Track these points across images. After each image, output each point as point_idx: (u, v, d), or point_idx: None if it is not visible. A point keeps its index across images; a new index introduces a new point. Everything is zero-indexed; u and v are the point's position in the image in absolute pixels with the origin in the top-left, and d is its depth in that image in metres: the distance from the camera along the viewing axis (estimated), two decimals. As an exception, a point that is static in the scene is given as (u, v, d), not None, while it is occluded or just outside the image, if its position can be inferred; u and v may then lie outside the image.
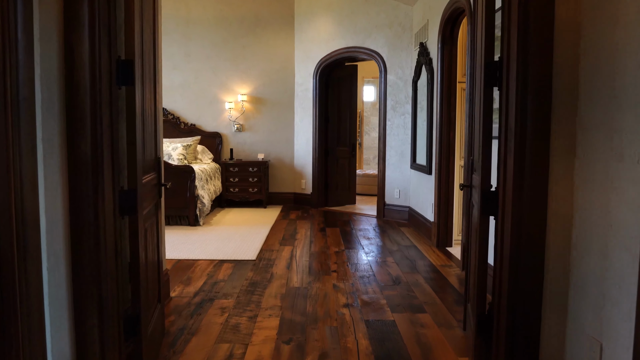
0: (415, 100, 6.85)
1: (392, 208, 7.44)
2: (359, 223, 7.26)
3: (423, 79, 6.49)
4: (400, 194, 7.35)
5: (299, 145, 8.75)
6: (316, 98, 8.41)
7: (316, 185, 8.53)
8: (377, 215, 7.67)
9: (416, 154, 6.85)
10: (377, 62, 7.57)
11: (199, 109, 8.86)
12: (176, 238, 5.98)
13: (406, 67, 7.22)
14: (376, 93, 13.74)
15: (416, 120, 6.85)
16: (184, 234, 6.27)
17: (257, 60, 8.75)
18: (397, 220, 7.37)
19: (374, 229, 6.76)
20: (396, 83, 7.33)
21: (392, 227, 6.92)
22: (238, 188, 8.46)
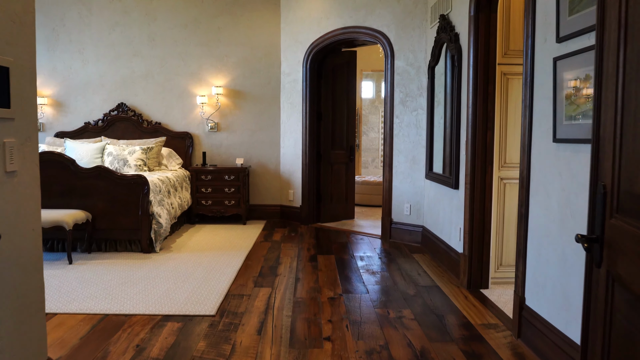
0: (432, 91, 5.36)
1: (401, 227, 5.94)
2: (359, 246, 5.75)
3: (442, 64, 5.00)
4: (412, 210, 5.85)
5: (286, 148, 7.24)
6: (306, 91, 6.90)
7: (306, 197, 7.03)
8: (381, 236, 6.17)
9: (433, 160, 5.36)
10: (382, 45, 6.07)
11: (165, 105, 7.33)
12: (116, 274, 4.45)
13: (419, 50, 5.72)
14: (375, 89, 12.27)
15: (433, 117, 5.35)
16: (130, 266, 4.74)
17: (235, 46, 7.24)
18: (407, 243, 5.87)
19: (380, 257, 5.26)
20: (406, 71, 5.84)
21: (402, 253, 5.42)
22: (211, 200, 6.93)
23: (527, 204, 3.04)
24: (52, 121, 7.38)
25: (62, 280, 4.29)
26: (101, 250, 5.35)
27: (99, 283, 4.21)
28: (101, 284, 4.18)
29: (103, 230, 5.30)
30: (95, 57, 7.27)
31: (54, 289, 4.04)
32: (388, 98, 6.00)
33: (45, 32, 7.25)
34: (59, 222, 4.79)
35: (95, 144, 6.60)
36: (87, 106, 7.34)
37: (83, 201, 5.26)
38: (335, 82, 7.16)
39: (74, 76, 7.31)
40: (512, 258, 4.23)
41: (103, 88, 7.31)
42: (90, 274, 4.46)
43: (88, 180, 5.25)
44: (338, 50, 7.12)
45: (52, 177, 5.24)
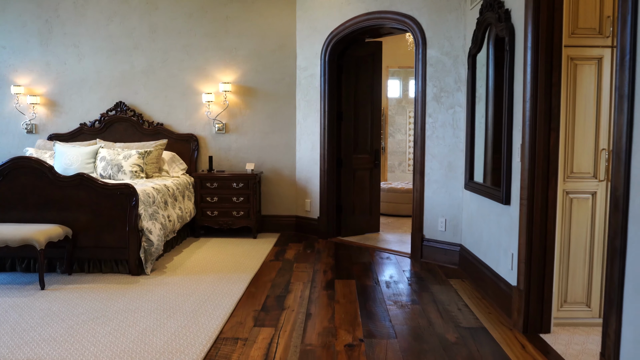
0: (473, 84, 4.47)
1: (435, 245, 5.05)
2: (385, 268, 4.89)
3: (486, 52, 4.11)
4: (447, 226, 4.96)
5: (303, 151, 6.42)
6: (325, 87, 6.07)
7: (325, 207, 6.18)
8: (411, 255, 5.29)
9: (474, 167, 4.47)
10: (411, 32, 5.20)
11: (167, 104, 6.58)
12: (89, 306, 3.68)
13: (457, 37, 4.84)
14: (402, 88, 11.38)
15: (474, 115, 4.46)
16: (110, 294, 3.97)
17: (246, 37, 6.45)
18: (442, 264, 4.98)
19: (410, 283, 4.38)
20: (441, 61, 4.95)
21: (436, 277, 4.54)
22: (218, 211, 6.14)
23: (624, 234, 2.15)
24: (46, 122, 6.70)
25: (23, 313, 3.53)
26: (84, 271, 4.60)
27: (66, 318, 3.43)
28: (68, 320, 3.40)
29: (86, 249, 4.55)
30: (92, 51, 6.56)
31: (9, 326, 3.28)
32: (419, 94, 5.12)
33: (38, 24, 6.57)
34: (28, 241, 4.04)
35: (87, 148, 5.88)
36: (83, 105, 6.64)
37: (62, 214, 4.52)
38: (358, 77, 6.31)
39: (69, 72, 6.61)
40: (579, 293, 3.32)
41: (100, 85, 6.59)
42: (59, 305, 3.70)
43: (68, 190, 4.51)
44: (361, 41, 6.26)
45: (27, 186, 4.51)
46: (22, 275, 4.53)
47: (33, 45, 6.61)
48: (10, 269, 4.65)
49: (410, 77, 11.38)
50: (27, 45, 6.62)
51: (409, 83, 11.37)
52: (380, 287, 4.24)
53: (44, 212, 4.51)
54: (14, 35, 6.62)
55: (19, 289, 4.11)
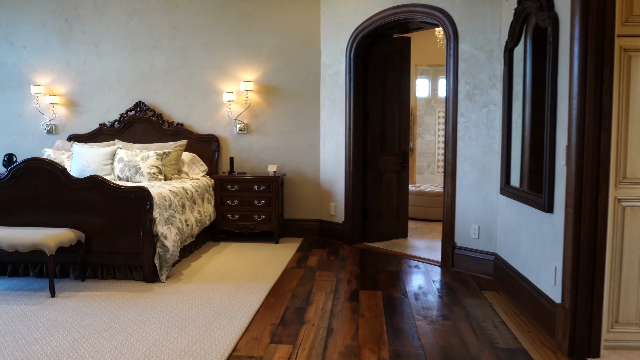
0: (510, 81, 4.13)
1: (467, 254, 4.72)
2: (413, 278, 4.58)
3: (524, 45, 3.77)
4: (481, 234, 4.62)
5: (327, 153, 6.15)
6: (350, 86, 5.78)
7: (350, 211, 5.90)
8: (441, 263, 4.96)
9: (511, 170, 4.13)
10: (442, 26, 4.88)
11: (188, 103, 6.39)
12: (99, 316, 3.47)
13: (491, 30, 4.50)
14: (431, 87, 11.01)
15: (511, 114, 4.12)
16: (122, 303, 3.76)
17: (268, 34, 6.21)
18: (475, 274, 4.64)
19: (440, 295, 4.07)
20: (474, 56, 4.62)
21: (469, 289, 4.21)
22: (238, 214, 5.92)
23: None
24: (65, 123, 6.58)
25: (29, 323, 3.35)
26: (97, 277, 4.42)
27: (72, 330, 3.23)
28: (74, 332, 3.20)
29: (99, 254, 4.36)
30: (112, 50, 6.42)
31: (12, 338, 3.09)
32: (450, 92, 4.80)
33: (58, 23, 6.46)
34: (38, 246, 3.87)
35: (105, 149, 5.72)
36: (103, 105, 6.50)
37: (76, 218, 4.34)
38: (384, 74, 6.00)
39: (89, 72, 6.48)
40: (633, 313, 2.97)
41: (120, 85, 6.44)
42: (67, 315, 3.51)
43: (81, 192, 4.33)
44: (388, 37, 5.96)
45: (39, 189, 4.35)
46: (34, 280, 4.37)
47: (53, 45, 6.50)
48: (23, 273, 4.50)
49: (439, 75, 11.00)
50: (47, 45, 6.51)
51: (438, 82, 11.00)
52: (409, 300, 3.94)
53: (57, 216, 4.34)
54: (34, 35, 6.52)
55: (29, 295, 3.95)
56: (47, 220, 4.33)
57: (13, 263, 4.49)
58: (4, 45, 6.59)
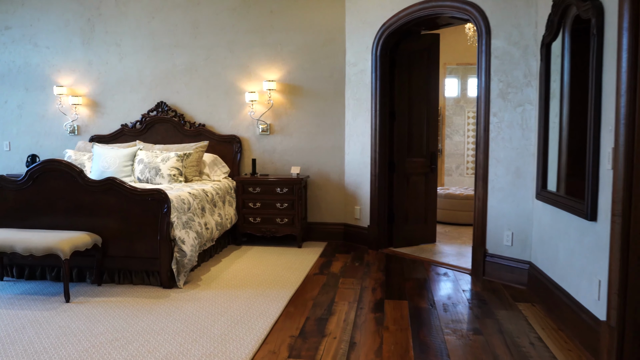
0: (548, 77, 3.85)
1: (499, 262, 4.45)
2: (442, 286, 4.33)
3: (560, 41, 3.50)
4: (514, 240, 4.35)
5: (352, 154, 5.94)
6: (376, 84, 5.57)
7: (376, 215, 5.68)
8: (472, 271, 4.70)
9: (547, 174, 3.85)
10: (473, 21, 4.62)
11: (210, 103, 6.26)
12: (112, 324, 3.33)
13: (527, 24, 4.22)
14: (460, 86, 10.70)
15: (547, 113, 3.85)
16: (137, 309, 3.62)
17: (291, 31, 6.03)
18: (507, 283, 4.37)
19: (471, 307, 3.81)
20: (508, 53, 4.35)
21: (501, 300, 3.94)
22: (260, 217, 5.76)
23: None
24: (88, 123, 6.53)
25: (40, 331, 3.23)
26: (114, 281, 4.30)
27: (84, 339, 3.10)
28: (85, 341, 3.06)
29: (116, 258, 4.25)
30: (133, 50, 6.33)
31: (21, 347, 2.97)
32: (482, 90, 4.53)
33: (80, 23, 6.41)
34: (52, 250, 3.76)
35: (125, 150, 5.62)
36: (124, 106, 6.42)
37: (92, 221, 4.23)
38: (412, 73, 5.76)
39: (111, 72, 6.41)
40: (688, 332, 2.68)
41: (141, 85, 6.35)
42: (80, 322, 3.38)
43: (98, 195, 4.22)
44: (416, 33, 5.72)
45: (56, 191, 4.26)
46: (51, 284, 4.28)
47: (75, 45, 6.45)
48: (40, 276, 4.42)
49: (469, 74, 10.68)
50: (70, 45, 6.47)
51: (468, 81, 10.68)
52: (437, 311, 3.70)
53: (74, 218, 4.24)
54: (57, 35, 6.49)
55: (44, 300, 3.84)
56: (64, 223, 4.24)
57: (30, 266, 4.41)
58: (28, 46, 6.57)
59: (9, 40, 6.61)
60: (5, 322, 3.39)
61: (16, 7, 6.55)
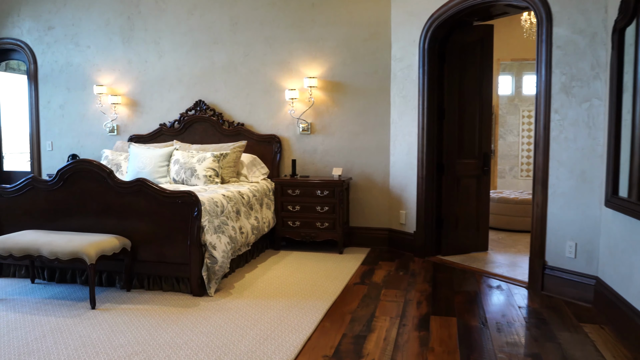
0: (620, 69, 3.38)
1: (560, 275, 3.99)
2: (495, 301, 3.92)
3: (635, 26, 3.04)
4: (578, 252, 3.88)
5: (397, 155, 5.57)
6: (424, 80, 5.18)
7: (423, 220, 5.30)
8: (528, 284, 4.25)
9: (619, 178, 3.38)
10: (532, 8, 4.17)
11: (249, 102, 6.03)
12: (134, 335, 3.11)
13: (595, 9, 3.75)
14: (514, 84, 10.12)
15: (620, 109, 3.38)
16: (162, 319, 3.39)
17: (333, 26, 5.72)
18: (570, 300, 3.91)
19: (528, 326, 3.39)
20: (572, 42, 3.89)
21: (563, 320, 3.50)
22: (300, 221, 5.48)
23: None
24: (127, 123, 6.43)
25: (59, 341, 3.04)
26: (144, 287, 4.11)
27: (101, 352, 2.89)
28: (103, 354, 2.85)
29: (146, 263, 4.06)
30: (172, 48, 6.18)
31: (36, 359, 2.79)
32: (542, 85, 4.08)
33: (120, 21, 6.32)
34: (78, 254, 3.60)
35: (161, 150, 5.46)
36: (163, 105, 6.28)
37: (122, 224, 4.06)
38: (463, 67, 5.34)
39: (150, 70, 6.29)
40: None
41: (180, 83, 6.20)
42: (100, 332, 3.18)
43: (128, 197, 4.04)
44: (468, 24, 5.30)
45: (86, 192, 4.11)
46: (80, 288, 4.13)
47: (116, 44, 6.37)
48: (70, 280, 4.29)
49: (524, 70, 10.09)
50: (110, 44, 6.39)
51: (523, 78, 10.11)
52: (489, 331, 3.30)
53: (104, 221, 4.08)
54: (98, 34, 6.43)
55: (70, 306, 3.69)
56: (94, 225, 4.08)
57: (60, 269, 4.29)
58: (70, 46, 6.54)
59: (52, 40, 6.61)
60: (27, 329, 3.24)
61: (59, 7, 6.54)
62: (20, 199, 4.29)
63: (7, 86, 7.32)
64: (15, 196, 4.30)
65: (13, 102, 7.28)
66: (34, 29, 6.66)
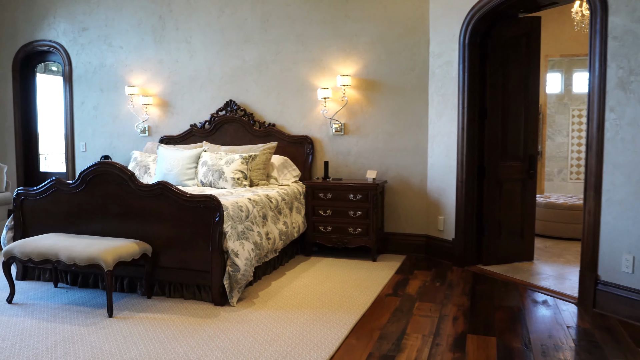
0: (687, 60, 2.99)
1: (615, 292, 3.59)
2: (540, 319, 3.56)
3: None
4: (636, 267, 3.48)
5: (435, 157, 5.25)
6: (464, 78, 4.85)
7: (462, 227, 4.96)
8: (578, 300, 3.86)
9: (685, 183, 2.98)
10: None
11: (280, 101, 5.83)
12: (147, 348, 2.93)
13: (657, -5, 3.35)
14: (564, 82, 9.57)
15: (687, 106, 2.98)
16: (179, 331, 3.21)
17: (368, 21, 5.45)
18: (626, 319, 3.51)
19: (577, 350, 3.03)
20: (631, 32, 3.49)
21: (619, 343, 3.12)
22: (331, 226, 5.23)
23: None
24: (158, 124, 6.34)
25: (69, 352, 2.90)
26: (165, 294, 3.95)
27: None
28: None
29: (167, 270, 3.90)
30: (203, 47, 6.05)
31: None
32: (595, 80, 3.70)
33: (152, 20, 6.23)
34: (95, 260, 3.46)
35: (189, 152, 5.32)
36: (194, 105, 6.16)
37: (143, 228, 3.91)
38: (507, 63, 4.97)
39: (181, 70, 6.17)
40: None
41: (211, 83, 6.06)
42: (114, 344, 3.02)
43: (149, 200, 3.89)
44: (512, 16, 4.92)
45: (108, 195, 3.99)
46: (101, 294, 4.01)
47: (147, 44, 6.29)
48: (93, 284, 4.19)
49: (575, 67, 9.52)
50: (142, 44, 6.32)
51: (573, 75, 9.53)
52: (533, 355, 2.96)
53: (125, 225, 3.95)
54: (130, 35, 6.36)
55: (87, 313, 3.56)
56: (116, 229, 3.96)
57: (83, 273, 4.18)
58: (103, 46, 6.51)
59: (86, 42, 6.59)
60: (39, 338, 3.12)
61: (92, 8, 6.51)
62: (44, 201, 4.21)
63: (47, 88, 7.36)
64: (40, 198, 4.22)
65: (52, 104, 7.32)
66: (68, 30, 6.67)
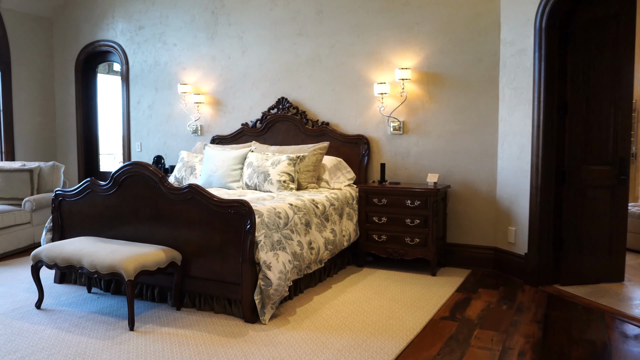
0: None
1: None
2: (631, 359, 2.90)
3: None
4: None
5: (506, 159, 4.62)
6: (540, 68, 4.20)
7: (536, 240, 4.31)
8: (681, 336, 3.15)
9: None
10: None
11: (334, 98, 5.41)
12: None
13: None
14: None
15: None
16: (202, 350, 2.86)
17: (429, 7, 4.91)
18: None
19: (681, 406, 2.38)
20: None
21: None
22: (385, 235, 4.74)
23: None
24: (210, 123, 6.12)
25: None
26: (195, 306, 3.64)
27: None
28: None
29: (197, 280, 3.58)
30: (255, 42, 5.75)
31: (36, 398, 2.38)
32: None
33: (205, 17, 6.02)
34: (115, 268, 3.21)
35: (235, 152, 5.01)
36: (246, 103, 5.87)
37: (173, 234, 3.62)
38: (592, 51, 4.25)
39: (233, 67, 5.91)
40: None
41: (263, 80, 5.74)
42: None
43: (179, 204, 3.59)
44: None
45: (139, 198, 3.74)
46: (124, 303, 3.75)
47: (200, 40, 6.08)
48: (124, 291, 3.93)
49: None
50: (195, 41, 6.12)
51: (677, 67, 8.37)
52: (620, 408, 2.35)
53: (156, 230, 3.68)
54: (183, 32, 6.19)
55: (110, 324, 3.31)
56: (147, 234, 3.70)
57: (115, 280, 3.96)
58: (158, 44, 6.39)
59: (142, 40, 6.50)
60: (52, 351, 2.89)
61: (148, 7, 6.41)
62: (80, 202, 4.05)
63: (109, 88, 7.37)
64: (76, 200, 4.06)
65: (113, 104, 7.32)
66: (126, 29, 6.61)
